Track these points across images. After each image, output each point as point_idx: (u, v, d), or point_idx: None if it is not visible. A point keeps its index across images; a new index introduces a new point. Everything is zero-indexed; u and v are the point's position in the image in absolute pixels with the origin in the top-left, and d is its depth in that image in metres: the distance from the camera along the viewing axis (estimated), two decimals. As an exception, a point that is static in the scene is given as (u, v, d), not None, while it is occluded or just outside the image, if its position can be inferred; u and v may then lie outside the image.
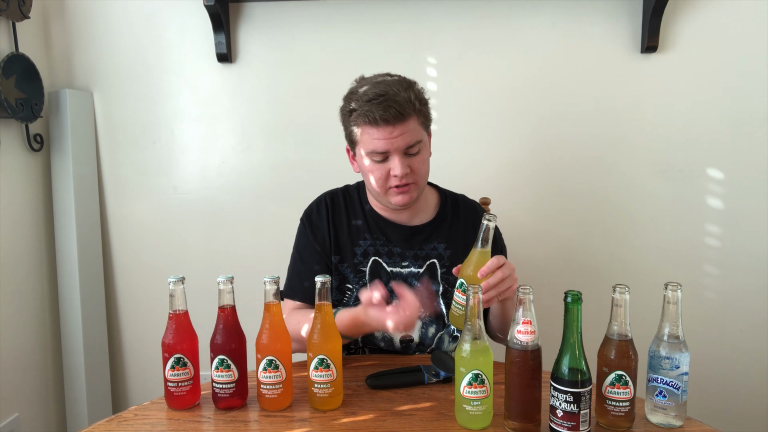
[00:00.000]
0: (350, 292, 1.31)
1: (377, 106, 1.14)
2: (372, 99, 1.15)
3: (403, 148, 1.17)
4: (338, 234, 1.32)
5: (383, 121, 1.14)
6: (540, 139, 1.88)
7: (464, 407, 0.93)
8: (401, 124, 1.16)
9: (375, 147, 1.17)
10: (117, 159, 1.99)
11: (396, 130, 1.16)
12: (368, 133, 1.18)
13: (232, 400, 1.03)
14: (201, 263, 1.99)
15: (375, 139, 1.17)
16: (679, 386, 0.92)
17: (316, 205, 1.36)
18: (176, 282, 1.01)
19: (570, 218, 1.91)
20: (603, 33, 1.82)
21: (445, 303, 1.30)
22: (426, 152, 1.25)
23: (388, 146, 1.16)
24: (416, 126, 1.19)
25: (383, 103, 1.14)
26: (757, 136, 1.83)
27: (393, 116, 1.14)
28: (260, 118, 1.93)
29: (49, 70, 1.94)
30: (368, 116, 1.15)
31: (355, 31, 1.87)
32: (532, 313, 0.89)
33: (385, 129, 1.15)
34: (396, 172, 1.17)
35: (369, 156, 1.20)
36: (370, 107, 1.14)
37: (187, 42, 1.91)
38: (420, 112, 1.20)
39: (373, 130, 1.16)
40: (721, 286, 1.90)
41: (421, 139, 1.20)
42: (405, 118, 1.16)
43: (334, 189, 1.40)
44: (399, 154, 1.17)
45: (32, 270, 1.88)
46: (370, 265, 1.30)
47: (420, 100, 1.20)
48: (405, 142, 1.17)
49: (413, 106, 1.17)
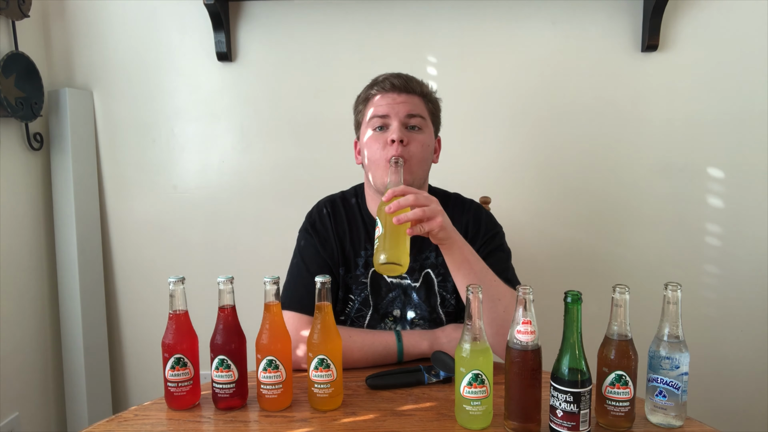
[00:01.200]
0: (352, 303, 1.30)
1: (390, 77, 1.25)
2: (388, 75, 1.26)
3: (403, 114, 1.21)
4: (343, 245, 1.30)
5: (391, 87, 1.23)
6: (540, 137, 1.88)
7: (464, 407, 0.93)
8: (407, 94, 1.23)
9: (376, 111, 1.23)
10: (117, 158, 1.98)
11: (400, 98, 1.22)
12: (374, 103, 1.25)
13: (232, 400, 1.03)
14: (201, 262, 1.99)
15: (378, 105, 1.23)
16: (679, 386, 0.92)
17: (318, 215, 1.33)
18: (176, 282, 1.01)
19: (570, 217, 1.91)
20: (603, 32, 1.82)
21: (444, 312, 1.29)
22: (427, 138, 1.24)
23: (389, 110, 1.21)
24: (421, 106, 1.25)
25: (396, 75, 1.25)
26: (757, 134, 1.83)
27: (401, 85, 1.23)
28: (260, 117, 1.93)
29: (49, 68, 1.94)
30: (379, 85, 1.25)
31: (355, 30, 1.87)
32: (532, 313, 0.89)
33: (390, 95, 1.23)
34: (393, 135, 1.19)
35: (370, 124, 1.24)
36: (384, 79, 1.26)
37: (187, 41, 1.91)
38: (428, 99, 1.28)
39: (380, 97, 1.24)
40: (722, 285, 1.90)
41: (423, 116, 1.24)
42: (411, 92, 1.24)
43: (332, 196, 1.37)
44: (398, 119, 1.21)
45: (32, 269, 1.88)
46: (371, 276, 1.29)
47: (430, 94, 1.29)
48: (407, 109, 1.22)
49: (421, 88, 1.26)
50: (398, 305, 1.29)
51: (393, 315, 1.29)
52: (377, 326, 1.30)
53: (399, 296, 1.29)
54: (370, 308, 1.29)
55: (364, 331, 1.23)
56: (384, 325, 1.29)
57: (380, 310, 1.29)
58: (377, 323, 1.30)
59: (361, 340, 1.19)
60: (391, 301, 1.28)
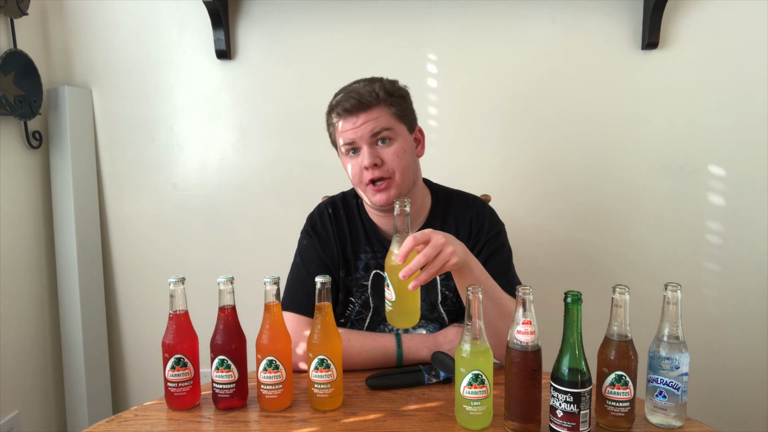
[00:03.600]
0: (353, 306, 1.30)
1: (342, 99, 1.21)
2: (338, 95, 1.24)
3: (368, 136, 1.18)
4: (344, 247, 1.29)
5: (345, 112, 1.19)
6: (540, 135, 1.88)
7: (464, 407, 0.93)
8: (364, 113, 1.19)
9: (344, 139, 1.21)
10: (116, 156, 1.98)
11: (359, 119, 1.19)
12: (339, 131, 1.23)
13: (233, 400, 1.03)
14: (201, 261, 1.99)
15: (343, 132, 1.21)
16: (679, 387, 0.92)
17: (319, 217, 1.32)
18: (176, 282, 1.01)
19: (570, 216, 1.91)
20: (604, 29, 1.82)
21: (445, 310, 1.29)
22: (402, 144, 1.20)
23: (353, 135, 1.19)
24: (384, 115, 1.19)
25: (347, 95, 1.20)
26: (758, 132, 1.83)
27: (354, 106, 1.18)
28: (260, 115, 1.93)
29: (48, 66, 1.93)
30: (337, 111, 1.21)
31: (355, 27, 1.86)
32: (532, 313, 0.89)
33: (349, 119, 1.19)
34: (364, 162, 1.18)
35: (344, 152, 1.23)
36: (336, 103, 1.22)
37: (186, 38, 1.91)
38: (389, 102, 1.20)
39: (342, 122, 1.21)
40: (722, 283, 1.90)
41: (390, 127, 1.19)
42: (368, 107, 1.19)
43: (333, 198, 1.36)
44: (366, 143, 1.18)
45: (31, 267, 1.88)
46: (372, 279, 1.28)
47: (388, 92, 1.21)
48: (369, 129, 1.18)
49: (376, 96, 1.19)
50: None
51: None
52: (377, 328, 1.29)
53: None
54: (370, 310, 1.29)
55: (363, 335, 1.21)
56: (386, 327, 1.29)
57: (381, 312, 1.28)
58: (378, 325, 1.29)
59: (360, 344, 1.18)
60: None
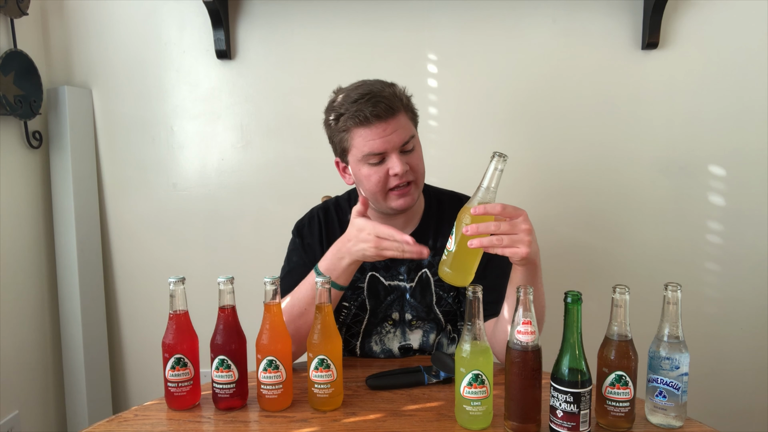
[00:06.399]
0: (346, 310, 1.29)
1: (365, 104, 1.10)
2: (358, 99, 1.11)
3: (400, 145, 1.13)
4: None
5: (375, 117, 1.10)
6: (540, 135, 1.88)
7: (464, 407, 0.93)
8: (393, 119, 1.12)
9: (372, 148, 1.12)
10: (116, 156, 1.98)
11: (389, 127, 1.11)
12: (361, 136, 1.13)
13: (233, 400, 1.03)
14: (201, 262, 1.99)
15: (370, 140, 1.12)
16: (679, 387, 0.92)
17: (308, 221, 1.31)
18: (176, 282, 1.01)
19: (570, 216, 1.91)
20: (604, 30, 1.82)
21: (441, 311, 1.28)
22: (420, 149, 1.20)
23: (385, 145, 1.11)
24: (407, 122, 1.16)
25: (371, 99, 1.10)
26: (758, 132, 1.83)
27: (384, 111, 1.10)
28: (260, 115, 1.93)
29: (48, 66, 1.93)
30: (358, 116, 1.11)
31: (355, 27, 1.86)
32: (532, 314, 0.89)
33: (378, 126, 1.11)
34: (396, 170, 1.11)
35: (365, 160, 1.14)
36: (358, 107, 1.10)
37: (186, 39, 1.91)
38: (407, 108, 1.18)
39: (366, 130, 1.12)
40: (722, 283, 1.90)
41: (414, 135, 1.17)
42: (395, 113, 1.12)
43: (326, 203, 1.35)
44: (396, 151, 1.13)
45: (32, 267, 1.88)
46: (368, 281, 1.27)
47: (405, 96, 1.18)
48: (401, 138, 1.12)
49: (401, 101, 1.15)
50: (396, 308, 1.28)
51: (392, 318, 1.28)
52: (375, 330, 1.29)
53: (397, 299, 1.28)
54: (367, 312, 1.28)
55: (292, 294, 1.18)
56: (383, 329, 1.29)
57: (379, 314, 1.28)
58: (374, 327, 1.29)
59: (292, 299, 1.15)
60: (390, 304, 1.28)
